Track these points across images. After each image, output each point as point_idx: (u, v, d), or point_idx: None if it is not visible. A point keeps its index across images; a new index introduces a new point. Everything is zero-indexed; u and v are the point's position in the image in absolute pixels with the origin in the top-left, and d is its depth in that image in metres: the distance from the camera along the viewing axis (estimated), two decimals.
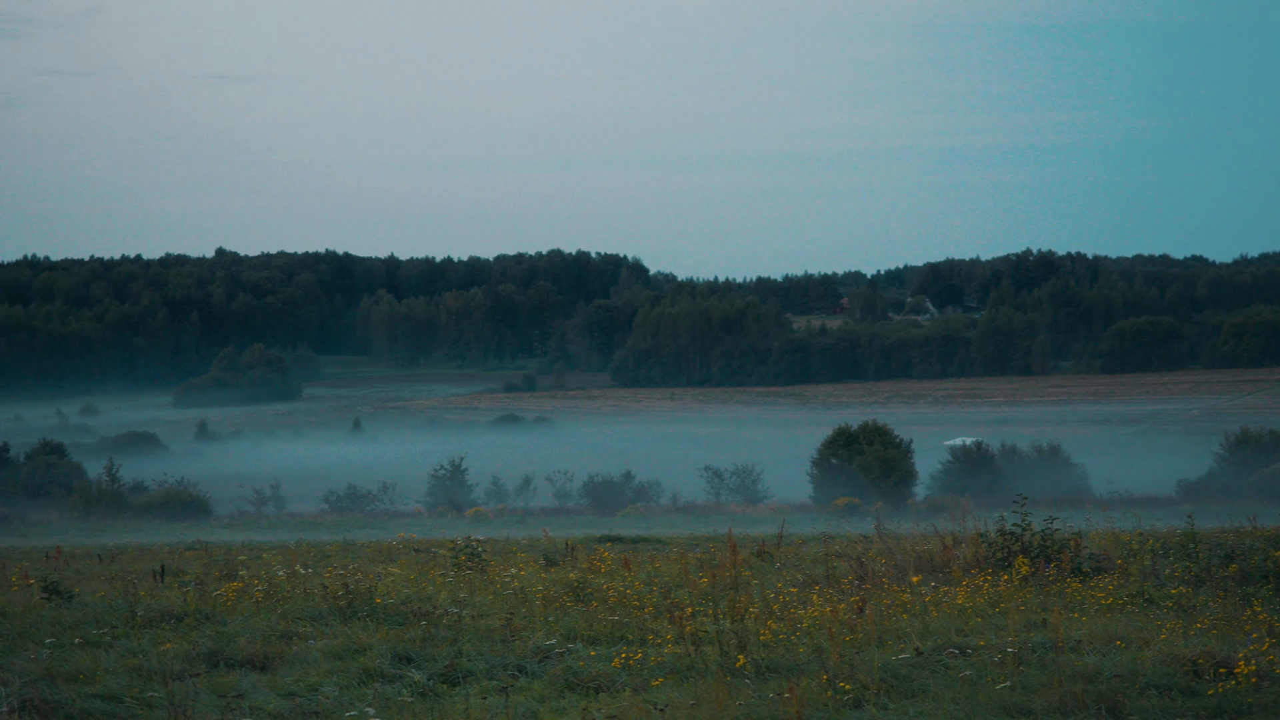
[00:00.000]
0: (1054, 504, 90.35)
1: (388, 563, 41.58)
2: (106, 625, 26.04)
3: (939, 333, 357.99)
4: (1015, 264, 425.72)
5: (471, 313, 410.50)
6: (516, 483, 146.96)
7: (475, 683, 21.65)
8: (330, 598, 27.73)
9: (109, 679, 21.44)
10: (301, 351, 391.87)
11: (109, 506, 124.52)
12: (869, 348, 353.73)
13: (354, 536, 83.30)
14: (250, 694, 20.68)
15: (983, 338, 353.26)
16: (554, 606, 28.01)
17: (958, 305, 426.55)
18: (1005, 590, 28.36)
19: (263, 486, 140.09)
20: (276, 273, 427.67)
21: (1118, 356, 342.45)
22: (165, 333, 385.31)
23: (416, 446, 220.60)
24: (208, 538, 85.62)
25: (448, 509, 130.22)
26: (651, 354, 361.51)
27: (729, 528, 63.03)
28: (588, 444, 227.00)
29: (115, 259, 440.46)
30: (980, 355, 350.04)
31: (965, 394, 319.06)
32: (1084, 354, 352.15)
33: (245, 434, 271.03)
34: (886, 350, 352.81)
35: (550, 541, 55.27)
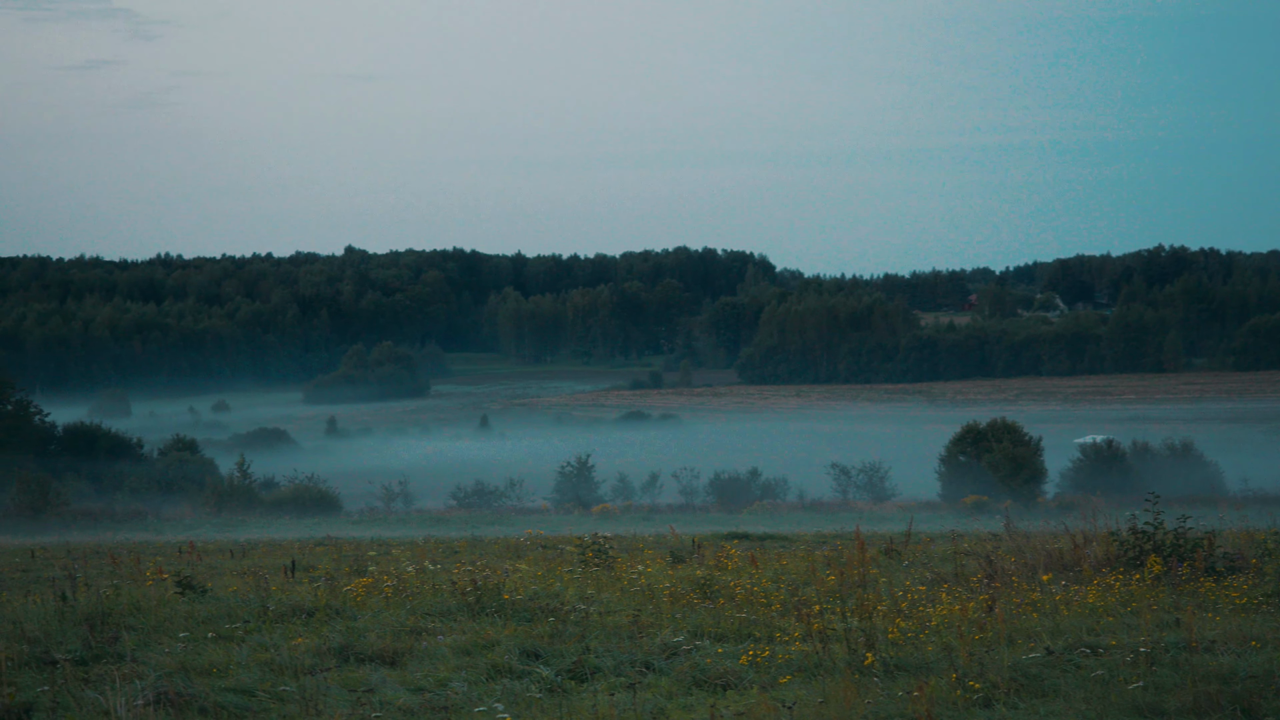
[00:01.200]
0: (1186, 502, 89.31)
1: (515, 559, 41.71)
2: (239, 620, 26.29)
3: (1069, 329, 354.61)
4: (1147, 260, 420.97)
5: (598, 310, 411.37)
6: (643, 480, 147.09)
7: (603, 679, 21.66)
8: (459, 594, 27.85)
9: (241, 673, 21.65)
10: (429, 348, 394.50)
11: (240, 502, 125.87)
12: (997, 345, 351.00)
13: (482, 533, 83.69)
14: (380, 689, 20.81)
15: (1114, 334, 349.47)
16: (681, 603, 27.97)
17: (1088, 302, 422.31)
18: (1137, 589, 28.02)
19: (391, 483, 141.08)
20: (405, 270, 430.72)
21: (1251, 353, 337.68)
22: (295, 330, 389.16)
23: (543, 443, 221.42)
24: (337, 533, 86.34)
25: (574, 506, 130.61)
26: (778, 351, 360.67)
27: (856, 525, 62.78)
28: (714, 441, 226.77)
29: (246, 257, 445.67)
30: (1111, 352, 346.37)
31: (1096, 391, 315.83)
32: (1217, 350, 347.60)
33: (374, 430, 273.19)
34: (1015, 347, 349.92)
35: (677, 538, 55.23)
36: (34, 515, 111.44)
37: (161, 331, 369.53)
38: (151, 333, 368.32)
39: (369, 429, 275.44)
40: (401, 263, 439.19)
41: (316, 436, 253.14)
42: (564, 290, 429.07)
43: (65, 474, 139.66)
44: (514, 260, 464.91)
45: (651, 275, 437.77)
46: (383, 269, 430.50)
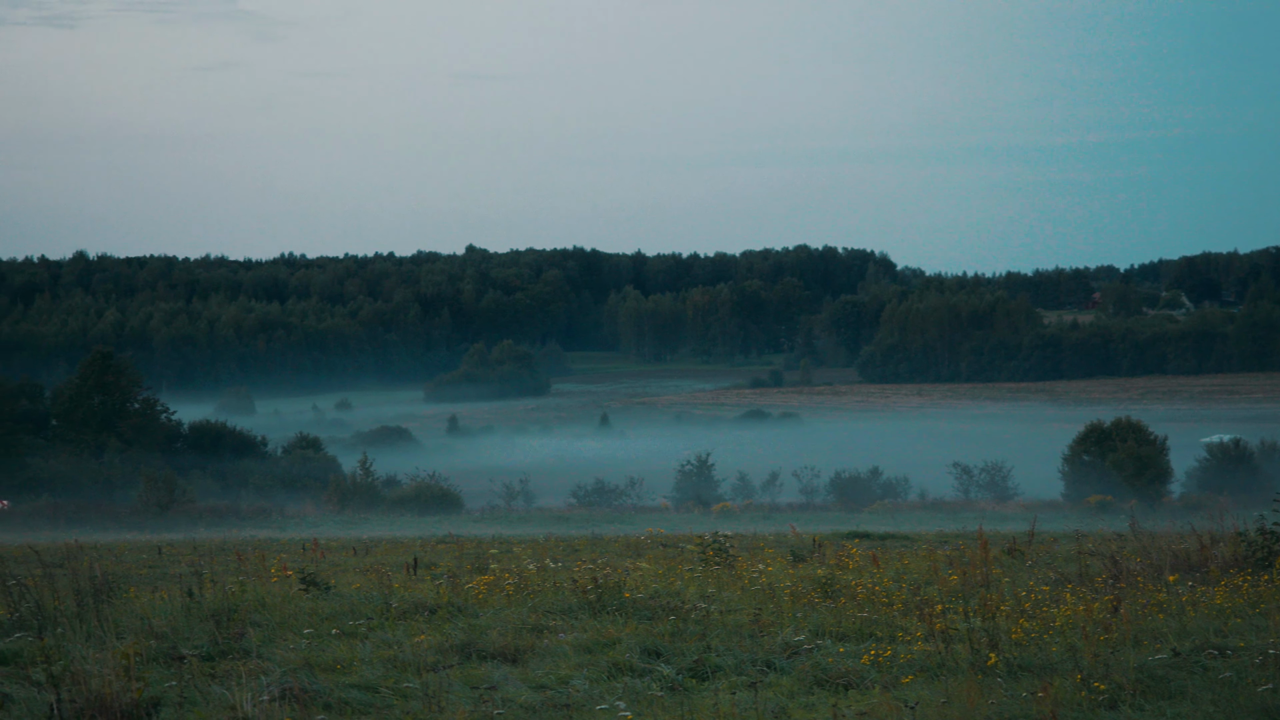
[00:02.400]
0: None
1: (636, 557, 41.74)
2: (362, 616, 26.47)
3: (1195, 328, 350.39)
4: (1276, 257, 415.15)
5: (718, 309, 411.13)
6: (763, 478, 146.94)
7: (724, 678, 21.63)
8: (579, 592, 27.89)
9: (365, 669, 21.79)
10: (550, 347, 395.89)
11: (363, 499, 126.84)
12: (1122, 343, 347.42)
13: (602, 531, 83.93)
14: (502, 686, 20.88)
15: (1241, 332, 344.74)
16: (802, 602, 27.88)
17: (1215, 299, 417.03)
18: (1266, 591, 27.62)
19: (512, 481, 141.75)
20: (525, 269, 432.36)
21: None
22: (417, 329, 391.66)
23: (663, 442, 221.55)
24: (459, 531, 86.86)
25: (694, 504, 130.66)
26: (899, 350, 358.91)
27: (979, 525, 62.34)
28: (834, 440, 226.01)
29: (369, 256, 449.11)
30: (1239, 350, 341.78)
31: (1223, 390, 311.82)
32: None
33: (495, 429, 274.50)
34: (1140, 346, 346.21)
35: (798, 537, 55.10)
36: (161, 512, 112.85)
37: (285, 330, 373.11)
38: (275, 331, 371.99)
39: (490, 427, 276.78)
40: (522, 262, 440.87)
41: (438, 435, 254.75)
42: (684, 289, 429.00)
43: (191, 471, 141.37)
44: (634, 259, 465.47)
45: (772, 273, 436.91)
46: (503, 268, 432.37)
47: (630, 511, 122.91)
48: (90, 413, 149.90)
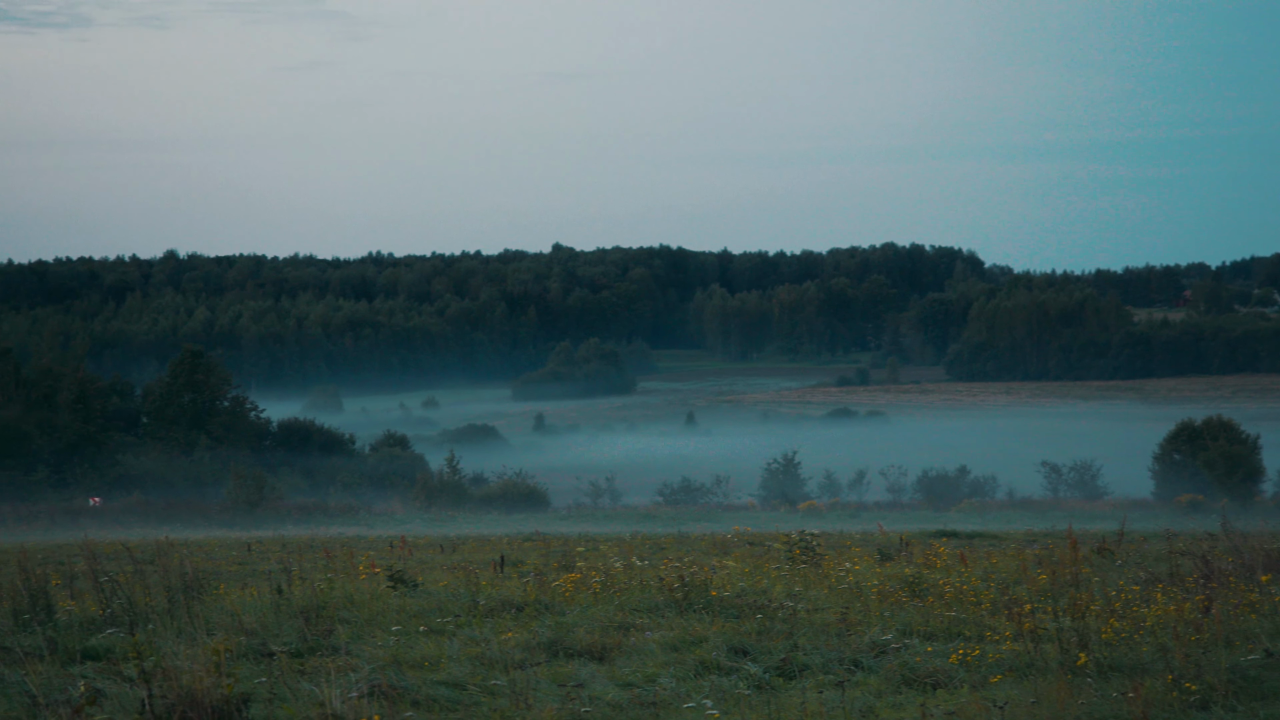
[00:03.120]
0: None
1: (722, 556, 41.70)
2: (450, 614, 26.56)
3: None
4: None
5: (804, 306, 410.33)
6: (849, 477, 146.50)
7: (811, 676, 21.58)
8: (666, 590, 27.89)
9: (453, 666, 21.87)
10: (636, 345, 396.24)
11: (450, 497, 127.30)
12: (1213, 341, 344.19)
13: (688, 529, 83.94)
14: (589, 684, 20.91)
15: None
16: (889, 601, 27.79)
17: None
18: None
19: (598, 479, 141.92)
20: (611, 267, 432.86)
21: None
22: (503, 327, 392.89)
23: (749, 440, 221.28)
24: (545, 529, 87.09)
25: (780, 502, 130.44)
26: (986, 348, 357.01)
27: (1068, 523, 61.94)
28: (921, 438, 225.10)
29: (455, 255, 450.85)
30: None
31: None
32: None
33: (581, 427, 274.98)
34: (1232, 343, 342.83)
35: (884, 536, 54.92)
36: (250, 509, 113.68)
37: (373, 329, 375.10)
38: (363, 330, 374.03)
39: (576, 425, 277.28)
40: (608, 260, 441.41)
41: (524, 433, 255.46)
42: (770, 287, 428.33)
43: (280, 469, 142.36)
44: (720, 257, 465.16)
45: (858, 271, 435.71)
46: (589, 266, 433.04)
47: (716, 510, 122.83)
48: (180, 410, 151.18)
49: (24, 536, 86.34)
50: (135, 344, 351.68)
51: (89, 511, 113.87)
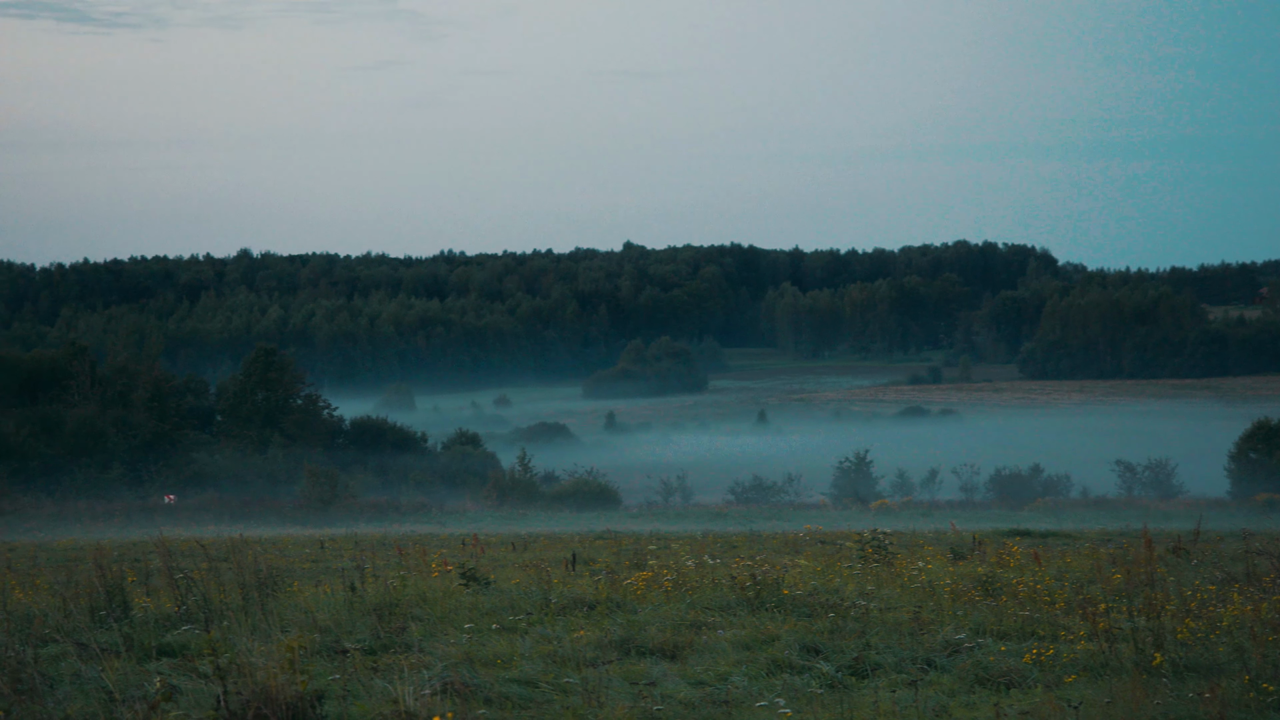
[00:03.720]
0: None
1: (794, 554, 41.64)
2: (522, 612, 26.60)
3: None
4: None
5: (875, 305, 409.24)
6: (922, 475, 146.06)
7: (884, 675, 21.51)
8: (738, 588, 27.86)
9: (525, 664, 21.90)
10: (707, 344, 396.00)
11: (521, 495, 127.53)
12: None
13: (759, 527, 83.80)
14: (661, 682, 20.89)
15: None
16: (962, 600, 27.68)
17: None
18: None
19: (669, 477, 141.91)
20: (682, 266, 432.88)
21: None
22: (575, 325, 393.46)
23: (821, 439, 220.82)
24: (617, 527, 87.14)
25: (852, 501, 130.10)
26: (1060, 346, 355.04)
27: (1142, 523, 61.55)
28: (994, 437, 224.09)
29: (527, 253, 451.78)
30: None
31: None
32: None
33: (652, 425, 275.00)
34: None
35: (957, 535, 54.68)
36: (323, 507, 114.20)
37: (445, 327, 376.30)
38: (435, 328, 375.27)
39: (647, 424, 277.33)
40: (679, 258, 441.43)
41: (595, 431, 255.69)
42: (841, 285, 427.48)
43: (353, 467, 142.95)
44: (791, 255, 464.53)
45: (930, 269, 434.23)
46: (660, 264, 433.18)
47: (788, 508, 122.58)
48: (254, 408, 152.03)
49: (100, 533, 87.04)
50: (209, 342, 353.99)
51: (164, 509, 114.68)
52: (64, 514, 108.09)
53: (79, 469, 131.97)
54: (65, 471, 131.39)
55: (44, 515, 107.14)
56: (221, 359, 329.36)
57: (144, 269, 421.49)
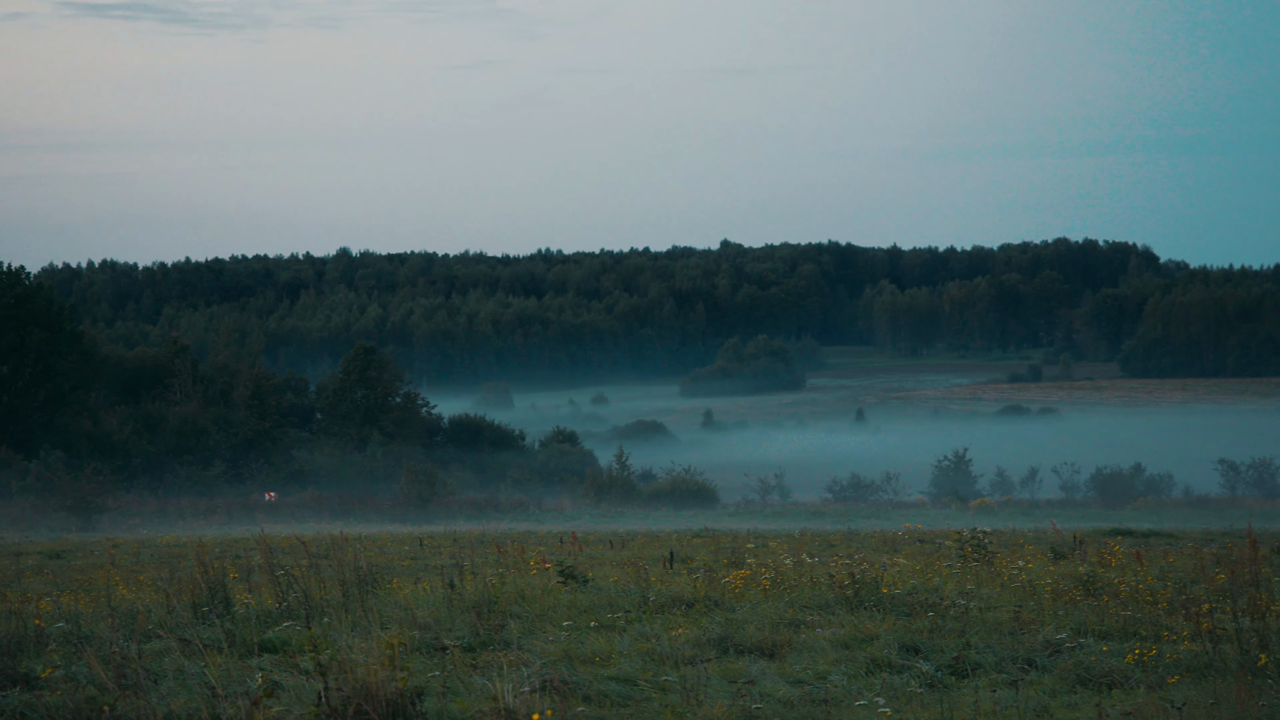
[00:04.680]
0: None
1: (893, 553, 41.45)
2: (620, 610, 26.61)
3: None
4: None
5: (975, 303, 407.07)
6: (1021, 474, 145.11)
7: (984, 675, 21.37)
8: (836, 587, 27.75)
9: (623, 662, 21.90)
10: (804, 342, 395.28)
11: (619, 493, 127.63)
12: None
13: (857, 526, 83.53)
14: (760, 680, 20.85)
15: None
16: (1063, 600, 27.47)
17: None
18: None
19: (767, 475, 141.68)
20: (780, 264, 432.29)
21: None
22: (672, 323, 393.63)
23: (919, 437, 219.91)
24: (714, 525, 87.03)
25: (951, 500, 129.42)
26: (1162, 344, 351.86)
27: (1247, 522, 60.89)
28: (1095, 435, 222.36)
29: (624, 251, 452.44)
30: None
31: None
32: None
33: (749, 424, 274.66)
34: None
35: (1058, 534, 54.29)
36: (422, 504, 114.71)
37: (542, 325, 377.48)
38: (533, 326, 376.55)
39: (745, 422, 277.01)
40: (777, 256, 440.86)
41: (693, 429, 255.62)
42: (940, 283, 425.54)
43: (451, 464, 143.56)
44: (889, 253, 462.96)
45: (1030, 267, 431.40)
46: (758, 262, 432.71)
47: (886, 507, 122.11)
48: (353, 406, 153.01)
49: (202, 530, 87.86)
50: (309, 341, 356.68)
51: (264, 506, 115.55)
52: (166, 511, 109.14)
53: (181, 466, 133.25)
54: (168, 469, 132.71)
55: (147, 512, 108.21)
56: (321, 357, 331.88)
57: (245, 268, 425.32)
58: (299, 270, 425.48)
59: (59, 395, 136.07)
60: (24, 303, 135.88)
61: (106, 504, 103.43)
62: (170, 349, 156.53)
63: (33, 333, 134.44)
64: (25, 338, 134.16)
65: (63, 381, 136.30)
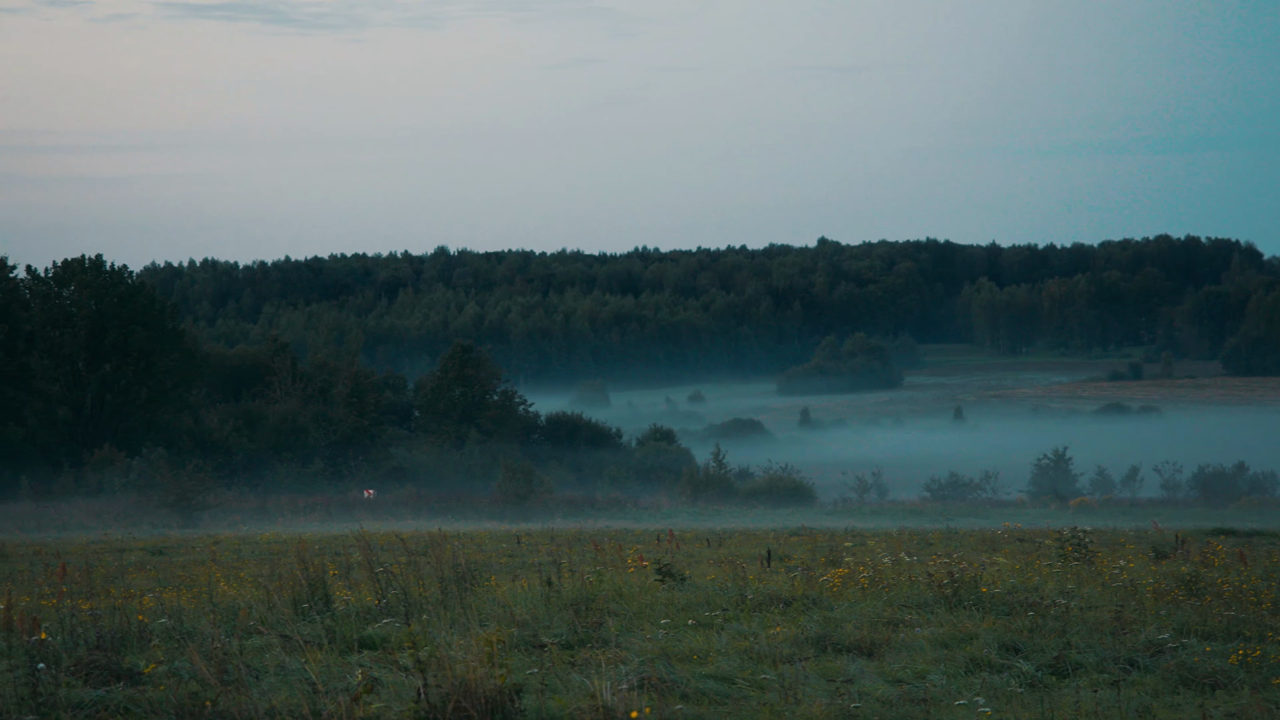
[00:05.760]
0: None
1: (992, 552, 41.24)
2: (717, 608, 26.59)
3: None
4: None
5: (1074, 300, 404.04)
6: (1122, 473, 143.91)
7: (1085, 675, 21.22)
8: (935, 586, 27.63)
9: (721, 660, 21.89)
10: (902, 340, 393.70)
11: (715, 491, 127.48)
12: None
13: (956, 525, 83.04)
14: (858, 679, 20.78)
15: None
16: (1165, 600, 27.23)
17: None
18: None
19: (864, 474, 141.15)
20: (877, 261, 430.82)
21: None
22: (769, 321, 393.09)
23: (1018, 435, 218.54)
24: (811, 524, 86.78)
25: (1050, 498, 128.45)
26: (1266, 342, 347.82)
27: None
28: (1197, 434, 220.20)
29: (720, 249, 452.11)
30: None
31: None
32: None
33: (847, 422, 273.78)
34: None
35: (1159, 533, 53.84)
36: (519, 502, 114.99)
37: (639, 323, 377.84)
38: (629, 324, 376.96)
39: (842, 420, 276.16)
40: (874, 254, 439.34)
41: (790, 427, 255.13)
42: (1039, 280, 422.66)
43: (548, 462, 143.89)
44: (988, 250, 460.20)
45: (1131, 264, 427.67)
46: (855, 260, 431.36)
47: (985, 505, 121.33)
48: (451, 404, 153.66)
49: (302, 527, 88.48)
50: (407, 339, 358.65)
51: (363, 503, 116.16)
52: (266, 508, 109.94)
53: (281, 464, 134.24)
54: (268, 466, 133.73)
55: (247, 509, 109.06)
56: (419, 355, 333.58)
57: (343, 266, 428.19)
58: (397, 269, 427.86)
59: (161, 393, 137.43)
60: (127, 302, 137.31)
61: (208, 501, 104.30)
62: (270, 347, 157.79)
63: (135, 331, 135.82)
64: (128, 336, 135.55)
65: (165, 380, 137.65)
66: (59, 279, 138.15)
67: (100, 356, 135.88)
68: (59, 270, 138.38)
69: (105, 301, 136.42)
